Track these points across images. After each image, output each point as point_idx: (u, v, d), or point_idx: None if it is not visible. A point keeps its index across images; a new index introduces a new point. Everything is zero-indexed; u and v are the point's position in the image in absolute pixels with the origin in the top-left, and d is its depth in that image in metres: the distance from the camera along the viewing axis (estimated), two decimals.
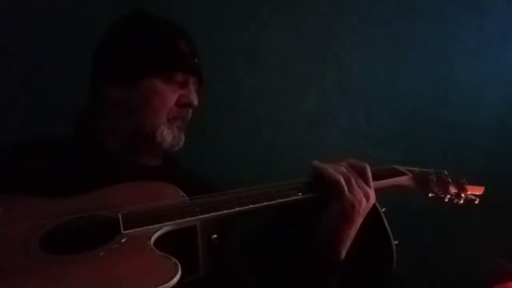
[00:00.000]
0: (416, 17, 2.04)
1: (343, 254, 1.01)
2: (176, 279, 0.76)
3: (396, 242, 1.07)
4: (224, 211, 0.94)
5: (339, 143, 1.99)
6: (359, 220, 1.00)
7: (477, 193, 1.12)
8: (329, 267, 1.00)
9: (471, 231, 1.96)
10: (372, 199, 1.01)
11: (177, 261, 0.79)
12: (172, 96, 1.18)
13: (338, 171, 1.00)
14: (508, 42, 2.08)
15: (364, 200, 0.99)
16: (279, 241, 1.10)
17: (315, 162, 1.04)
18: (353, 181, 0.99)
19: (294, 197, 0.99)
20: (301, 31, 1.98)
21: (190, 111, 1.22)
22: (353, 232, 1.00)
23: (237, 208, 0.95)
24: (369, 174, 1.02)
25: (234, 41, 1.89)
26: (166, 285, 0.75)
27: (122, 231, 0.87)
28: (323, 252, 1.00)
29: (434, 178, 1.12)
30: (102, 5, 1.63)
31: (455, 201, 1.12)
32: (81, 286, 0.77)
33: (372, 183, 1.02)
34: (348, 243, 1.00)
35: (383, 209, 1.08)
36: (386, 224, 1.07)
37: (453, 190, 1.11)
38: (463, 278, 1.98)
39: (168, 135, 1.18)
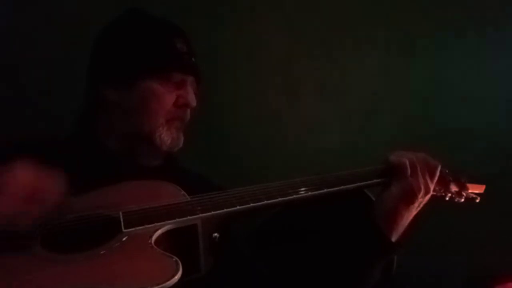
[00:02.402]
0: (416, 17, 2.04)
1: (395, 237, 1.04)
2: (177, 277, 0.76)
3: None
4: (225, 210, 0.94)
5: (339, 143, 1.99)
6: (414, 208, 1.05)
7: (478, 192, 1.13)
8: (380, 248, 1.04)
9: (471, 231, 1.96)
10: (430, 194, 1.07)
11: (178, 259, 0.80)
12: (169, 97, 1.17)
13: (406, 156, 1.06)
14: (509, 43, 2.08)
15: (423, 190, 1.04)
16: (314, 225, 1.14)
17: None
18: (418, 169, 1.05)
19: (295, 196, 1.00)
20: (301, 31, 1.98)
21: (188, 111, 1.22)
22: (407, 216, 1.05)
23: (238, 207, 0.95)
24: (437, 173, 1.08)
25: (234, 41, 1.89)
26: (167, 283, 0.75)
27: (123, 230, 0.87)
28: (376, 233, 1.03)
29: None
30: (103, 5, 1.63)
31: (456, 200, 1.13)
32: (83, 284, 0.77)
33: (435, 181, 1.08)
34: (401, 227, 1.05)
35: None
36: None
37: (454, 188, 1.12)
38: (463, 278, 1.98)
39: (167, 137, 1.18)
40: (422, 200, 1.05)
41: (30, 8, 1.66)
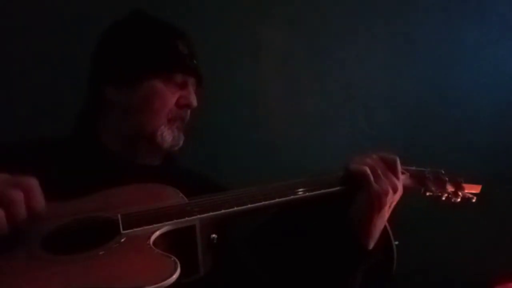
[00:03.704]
0: (416, 17, 2.05)
1: (371, 244, 1.03)
2: (175, 276, 0.76)
3: (397, 242, 1.07)
4: (223, 211, 0.94)
5: (339, 143, 1.99)
6: (386, 211, 1.02)
7: (474, 192, 1.13)
8: (356, 257, 1.02)
9: (471, 231, 1.96)
10: (400, 192, 1.03)
11: (176, 259, 0.80)
12: (171, 97, 1.19)
13: (364, 163, 1.03)
14: (508, 42, 2.08)
15: (390, 191, 1.00)
16: (297, 233, 1.11)
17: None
18: (379, 172, 1.01)
19: (292, 196, 1.00)
20: (301, 31, 1.98)
21: (189, 111, 1.23)
22: (380, 222, 1.02)
23: (236, 208, 0.95)
24: (398, 167, 1.05)
25: (234, 41, 1.89)
26: (165, 282, 0.75)
27: (122, 231, 0.87)
28: (351, 242, 1.02)
29: (431, 177, 1.12)
30: (103, 5, 1.64)
31: (452, 200, 1.12)
32: (82, 284, 0.77)
33: (400, 176, 1.04)
34: (376, 234, 1.03)
35: None
36: (387, 224, 1.07)
37: (450, 188, 1.12)
38: (463, 278, 1.98)
39: (168, 136, 1.19)
40: (392, 200, 1.02)
41: (31, 8, 1.66)
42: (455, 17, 2.05)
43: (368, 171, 1.01)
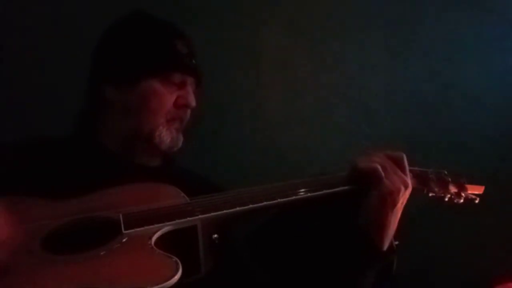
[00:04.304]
0: (416, 17, 2.05)
1: (386, 244, 1.01)
2: (177, 277, 0.76)
3: (397, 242, 1.06)
4: (225, 211, 0.94)
5: (339, 143, 1.99)
6: (399, 208, 1.01)
7: (477, 193, 1.12)
8: (371, 258, 1.01)
9: (471, 231, 1.96)
10: (410, 188, 1.02)
11: (177, 260, 0.80)
12: (170, 97, 1.18)
13: (373, 161, 1.02)
14: (508, 42, 2.08)
15: (402, 188, 0.99)
16: (305, 233, 1.11)
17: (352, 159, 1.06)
18: (389, 169, 1.01)
19: (294, 197, 1.00)
20: (301, 31, 1.98)
21: (188, 112, 1.23)
22: (394, 219, 1.01)
23: (238, 208, 0.95)
24: (406, 163, 1.04)
25: (234, 42, 1.89)
26: (167, 283, 0.75)
27: (123, 231, 0.87)
28: (366, 243, 1.00)
29: (434, 178, 1.12)
30: (103, 5, 1.64)
31: (455, 201, 1.11)
32: (83, 284, 0.77)
33: (408, 172, 1.04)
34: (391, 232, 1.02)
35: None
36: None
37: (453, 189, 1.11)
38: (463, 278, 1.98)
39: (166, 136, 1.19)
40: (404, 196, 1.01)
41: (30, 8, 1.66)
42: (455, 15, 2.05)
43: (379, 168, 1.00)
